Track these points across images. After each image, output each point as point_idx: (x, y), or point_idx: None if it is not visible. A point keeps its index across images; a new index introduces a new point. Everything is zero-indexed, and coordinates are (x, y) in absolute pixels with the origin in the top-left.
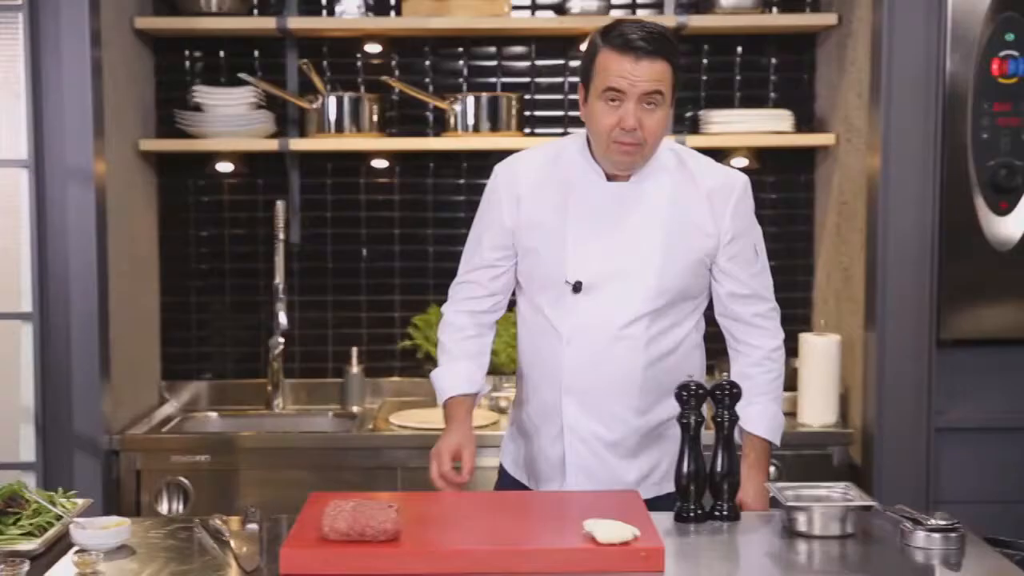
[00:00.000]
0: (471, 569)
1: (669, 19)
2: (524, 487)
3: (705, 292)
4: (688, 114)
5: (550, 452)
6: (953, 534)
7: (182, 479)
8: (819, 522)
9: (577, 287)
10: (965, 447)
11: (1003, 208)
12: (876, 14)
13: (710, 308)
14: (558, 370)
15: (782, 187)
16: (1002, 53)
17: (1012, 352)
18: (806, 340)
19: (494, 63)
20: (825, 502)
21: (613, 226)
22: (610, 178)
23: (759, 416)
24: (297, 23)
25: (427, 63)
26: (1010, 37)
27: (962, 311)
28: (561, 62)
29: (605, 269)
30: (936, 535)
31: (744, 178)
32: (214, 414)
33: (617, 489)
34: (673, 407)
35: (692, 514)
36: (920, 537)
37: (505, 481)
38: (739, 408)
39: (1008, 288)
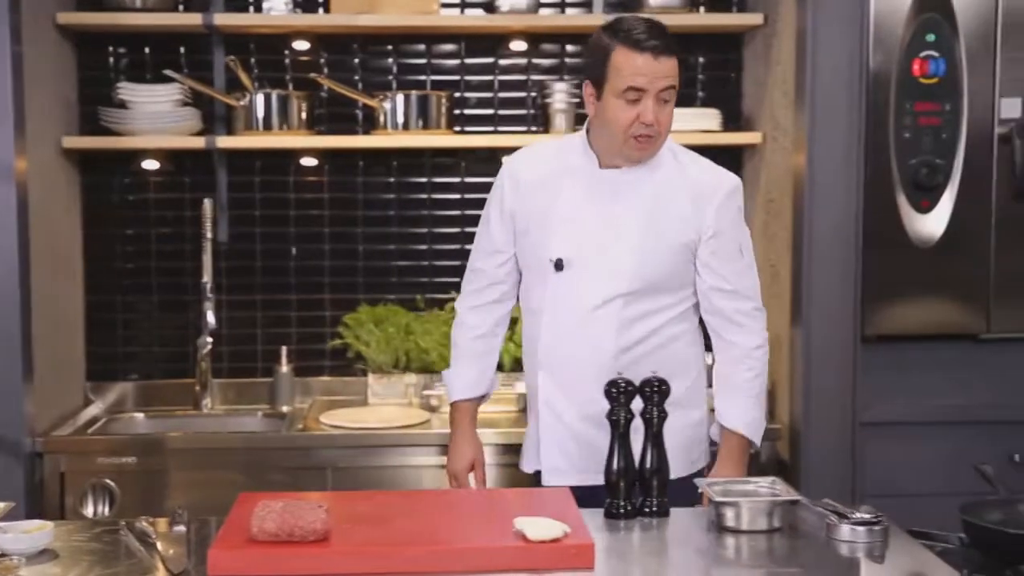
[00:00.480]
0: (401, 568)
1: (597, 17)
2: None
3: (689, 290)
4: None
5: (532, 431)
6: (877, 527)
7: (108, 481)
8: (747, 517)
9: (559, 264)
10: (889, 442)
11: (924, 206)
12: (800, 14)
13: None
14: (536, 340)
15: None
16: (923, 53)
17: (933, 348)
18: None
19: (424, 61)
20: (752, 497)
21: (599, 209)
22: (603, 166)
23: (738, 413)
24: (224, 19)
25: (356, 60)
26: (931, 38)
27: (885, 308)
28: (491, 60)
29: (585, 247)
30: (860, 528)
31: (735, 180)
32: (141, 415)
33: (592, 468)
34: None
35: (622, 510)
36: (845, 531)
37: (527, 480)
38: (717, 404)
39: (929, 285)
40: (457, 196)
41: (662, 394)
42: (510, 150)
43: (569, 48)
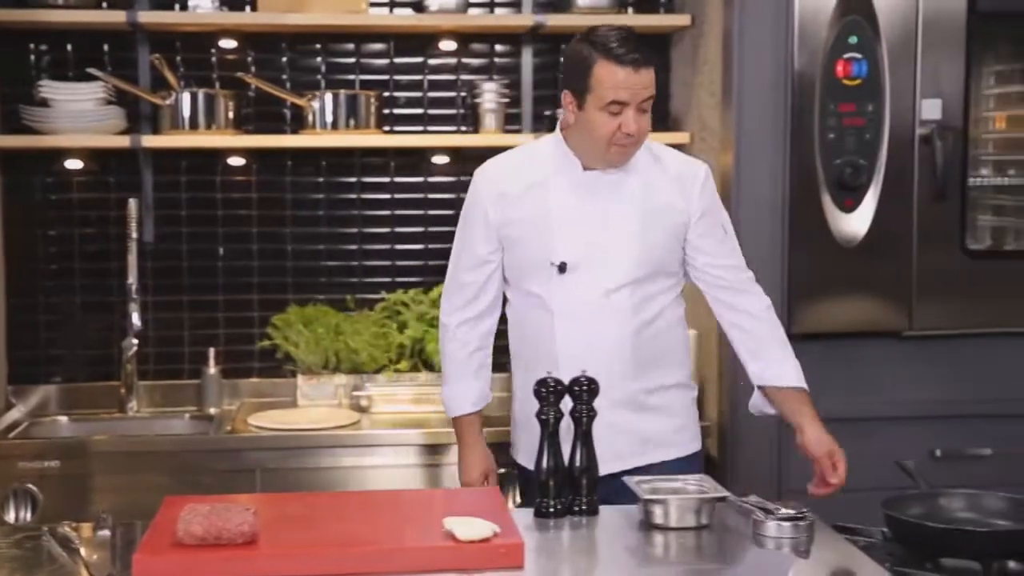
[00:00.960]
0: (330, 570)
1: (527, 18)
2: (527, 469)
3: (680, 273)
4: (547, 113)
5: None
6: (802, 522)
7: (30, 486)
8: (675, 514)
9: (563, 267)
10: None
11: (848, 206)
12: (727, 16)
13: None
14: (551, 343)
15: None
16: (846, 55)
17: (858, 345)
18: None
19: (352, 60)
20: (681, 495)
21: (592, 209)
22: (585, 168)
23: (791, 369)
24: (148, 17)
25: (284, 59)
26: (853, 40)
27: (811, 306)
28: (420, 60)
29: (588, 249)
30: (786, 524)
31: (705, 166)
32: (64, 418)
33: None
34: (665, 374)
35: (552, 509)
36: (771, 527)
37: (523, 474)
38: (760, 371)
39: (854, 283)
40: (387, 196)
41: (591, 393)
42: (440, 150)
43: (498, 48)
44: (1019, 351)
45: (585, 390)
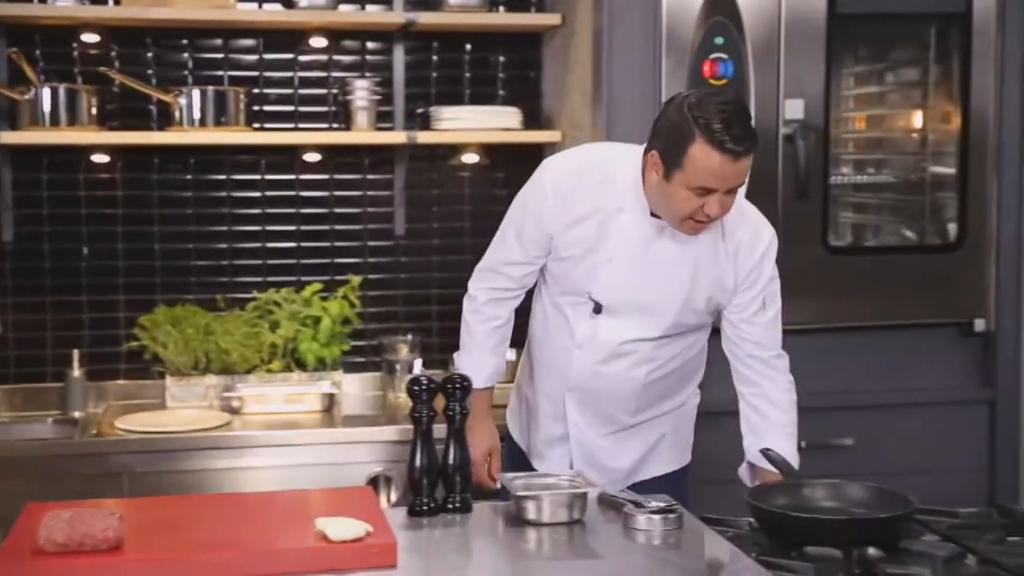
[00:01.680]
0: (199, 575)
1: (398, 15)
2: (525, 455)
3: (710, 323)
4: (419, 111)
5: (552, 430)
6: (672, 515)
7: None
8: (547, 510)
9: (598, 308)
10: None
11: None
12: (596, 16)
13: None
14: (567, 368)
15: (512, 183)
16: (712, 56)
17: None
18: None
19: (221, 56)
20: (553, 490)
21: (647, 263)
22: (652, 213)
23: (778, 455)
24: (5, 9)
25: (149, 55)
26: (719, 40)
27: None
28: (290, 56)
29: (627, 301)
30: (656, 517)
31: (772, 232)
32: None
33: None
34: (666, 404)
35: (425, 507)
36: (642, 520)
37: (513, 450)
38: (753, 441)
39: None
40: (258, 194)
41: (464, 391)
42: (311, 147)
43: (370, 45)
44: (879, 344)
45: (458, 388)
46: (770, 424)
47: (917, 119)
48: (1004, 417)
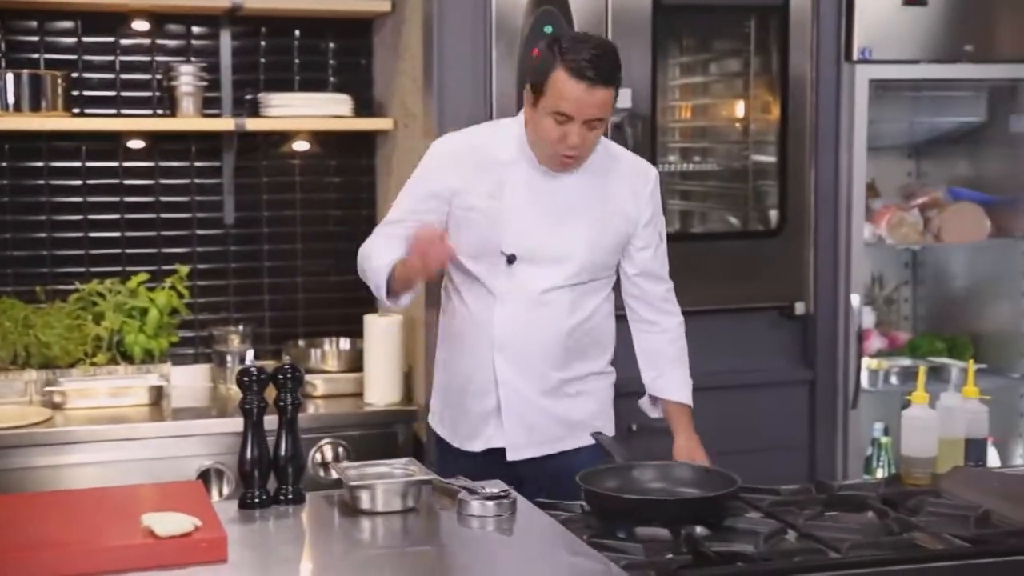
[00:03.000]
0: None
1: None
2: (447, 443)
3: (614, 270)
4: (248, 97)
5: (481, 403)
6: (505, 500)
7: None
8: (381, 499)
9: (511, 259)
10: None
11: None
12: (426, 3)
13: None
14: (491, 326)
15: (344, 171)
16: (541, 44)
17: None
18: (370, 321)
19: (36, 38)
20: (387, 479)
21: (547, 206)
22: (540, 162)
23: (679, 384)
24: None
25: None
26: (548, 29)
27: None
28: (111, 40)
29: (537, 246)
30: (489, 503)
31: (655, 170)
32: None
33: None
34: (588, 365)
35: (257, 500)
36: (475, 506)
37: (435, 438)
38: (652, 380)
39: None
40: (79, 182)
41: (296, 381)
42: (135, 134)
43: (195, 30)
44: (705, 328)
45: (289, 378)
46: (667, 357)
47: (739, 109)
48: (823, 397)
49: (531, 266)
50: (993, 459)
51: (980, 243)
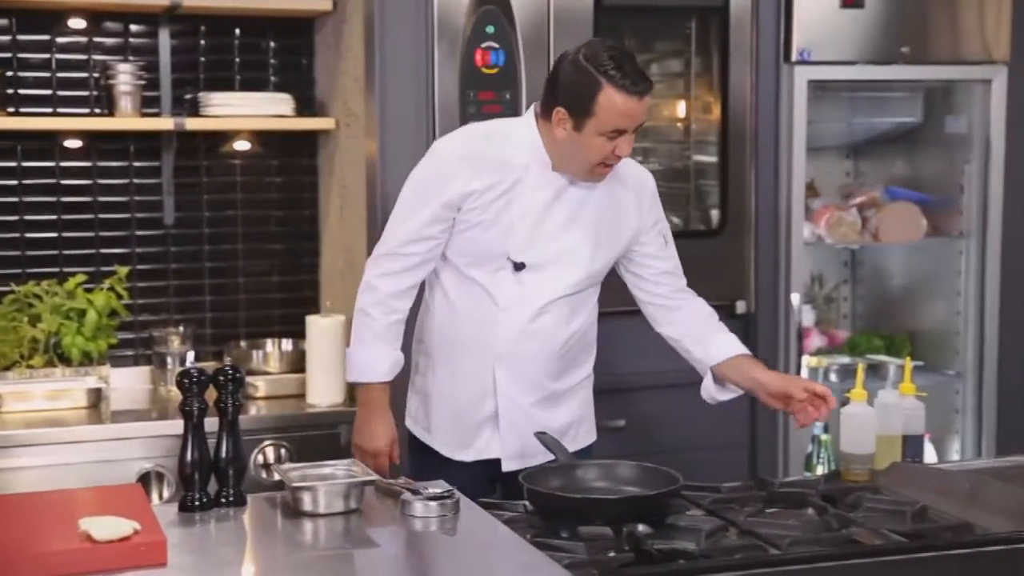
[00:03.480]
0: None
1: None
2: (428, 447)
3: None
4: (188, 96)
5: (476, 412)
6: (448, 501)
7: None
8: (323, 500)
9: (519, 266)
10: None
11: None
12: (368, 2)
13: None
14: (492, 336)
15: (286, 171)
16: (484, 44)
17: None
18: (312, 322)
19: None
20: (329, 480)
21: (556, 216)
22: (555, 169)
23: (731, 341)
24: None
25: None
26: (490, 29)
27: None
28: (47, 38)
29: (545, 254)
30: (433, 503)
31: (650, 174)
32: None
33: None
34: (578, 373)
35: (197, 502)
36: (418, 506)
37: (414, 443)
38: (705, 355)
39: None
40: (14, 182)
41: (236, 382)
42: (72, 134)
43: (133, 28)
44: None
45: (230, 380)
46: (709, 329)
47: (681, 109)
48: None
49: (538, 274)
50: (930, 455)
51: (917, 242)
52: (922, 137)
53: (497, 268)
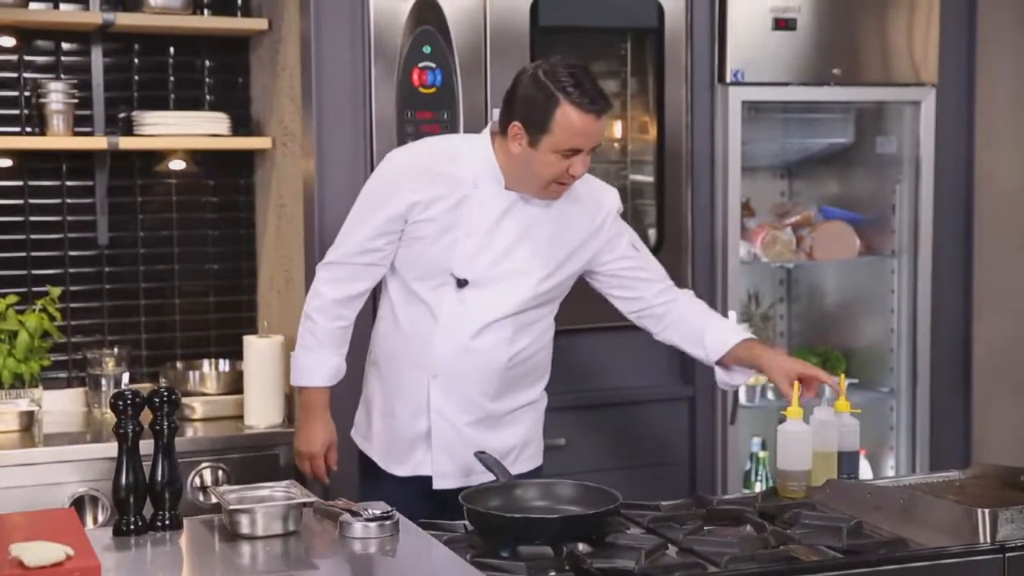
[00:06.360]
0: None
1: (95, 15)
2: (372, 462)
3: (561, 298)
4: (121, 115)
5: (410, 428)
6: (388, 522)
7: None
8: (261, 522)
9: (462, 283)
10: None
11: None
12: (304, 22)
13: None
14: (429, 353)
15: (222, 190)
16: (421, 64)
17: None
18: (249, 343)
19: None
20: (267, 502)
21: (506, 233)
22: (507, 187)
23: (729, 327)
24: None
25: None
26: (427, 49)
27: None
28: None
29: (491, 271)
30: (372, 524)
31: (614, 191)
32: None
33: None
34: (524, 395)
35: (132, 526)
36: (358, 528)
37: (358, 453)
38: (705, 344)
39: None
40: None
41: (172, 404)
42: (2, 152)
43: (65, 46)
44: (587, 346)
45: (165, 401)
46: (701, 324)
47: (617, 129)
48: (702, 412)
49: (481, 292)
50: (865, 471)
51: (850, 260)
52: (854, 157)
53: (440, 284)
